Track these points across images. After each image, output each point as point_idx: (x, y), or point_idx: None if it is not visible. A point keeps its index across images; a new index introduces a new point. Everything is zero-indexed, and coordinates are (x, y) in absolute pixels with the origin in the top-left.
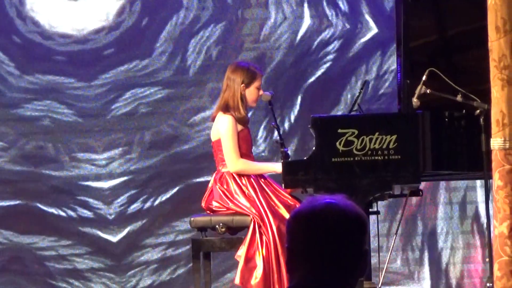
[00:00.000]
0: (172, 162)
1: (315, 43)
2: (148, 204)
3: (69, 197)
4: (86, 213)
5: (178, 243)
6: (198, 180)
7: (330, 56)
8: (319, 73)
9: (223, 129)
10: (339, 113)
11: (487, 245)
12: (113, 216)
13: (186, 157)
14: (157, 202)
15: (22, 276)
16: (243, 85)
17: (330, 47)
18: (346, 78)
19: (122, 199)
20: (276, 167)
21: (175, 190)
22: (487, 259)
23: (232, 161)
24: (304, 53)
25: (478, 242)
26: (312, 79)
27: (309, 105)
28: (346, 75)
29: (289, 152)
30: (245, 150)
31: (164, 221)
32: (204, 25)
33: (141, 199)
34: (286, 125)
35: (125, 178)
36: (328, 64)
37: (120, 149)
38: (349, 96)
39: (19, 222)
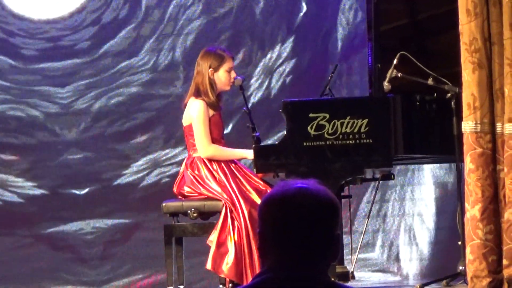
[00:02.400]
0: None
1: None
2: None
3: None
4: None
5: None
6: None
7: None
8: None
9: (194, 114)
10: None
11: (459, 228)
12: None
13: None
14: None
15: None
16: (211, 69)
17: None
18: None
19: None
20: (248, 153)
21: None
22: (459, 243)
23: (203, 146)
24: None
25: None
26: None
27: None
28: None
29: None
30: (217, 135)
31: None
32: None
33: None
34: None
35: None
36: None
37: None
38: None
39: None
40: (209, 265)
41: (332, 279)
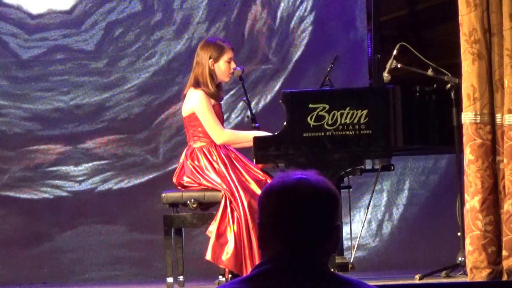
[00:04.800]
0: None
1: None
2: None
3: None
4: None
5: None
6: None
7: None
8: None
9: (197, 104)
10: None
11: (459, 219)
12: None
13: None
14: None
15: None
16: (211, 60)
17: None
18: None
19: None
20: (260, 133)
21: None
22: (459, 234)
23: (217, 133)
24: None
25: None
26: None
27: None
28: None
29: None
30: None
31: None
32: None
33: None
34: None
35: None
36: None
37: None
38: None
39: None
40: (208, 256)
41: (332, 270)
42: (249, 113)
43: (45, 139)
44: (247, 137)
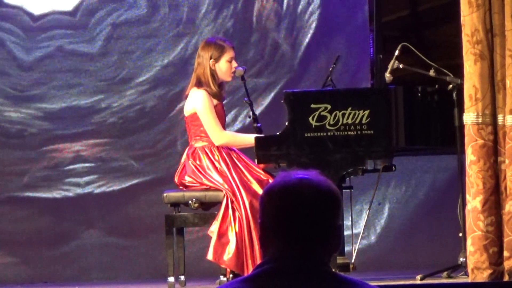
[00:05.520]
0: None
1: None
2: None
3: None
4: None
5: None
6: None
7: None
8: None
9: (199, 104)
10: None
11: (461, 220)
12: None
13: None
14: None
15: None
16: (212, 60)
17: None
18: None
19: None
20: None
21: None
22: (460, 234)
23: (216, 134)
24: None
25: None
26: None
27: None
28: None
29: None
30: None
31: None
32: None
33: None
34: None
35: None
36: None
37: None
38: None
39: None
40: (210, 256)
41: (333, 270)
42: (251, 113)
43: (59, 139)
44: (246, 140)
